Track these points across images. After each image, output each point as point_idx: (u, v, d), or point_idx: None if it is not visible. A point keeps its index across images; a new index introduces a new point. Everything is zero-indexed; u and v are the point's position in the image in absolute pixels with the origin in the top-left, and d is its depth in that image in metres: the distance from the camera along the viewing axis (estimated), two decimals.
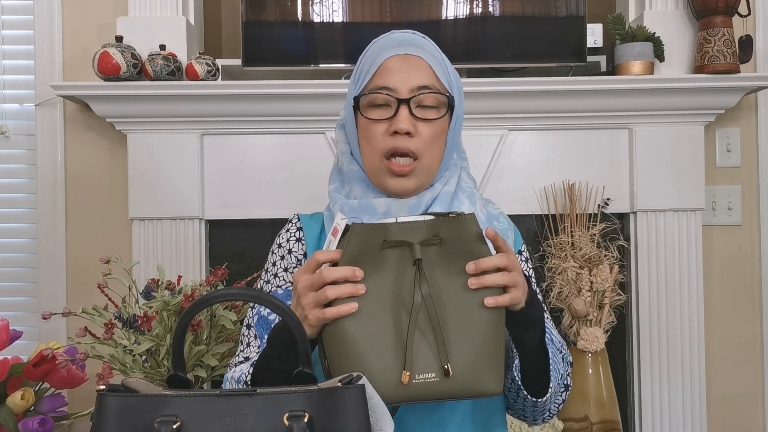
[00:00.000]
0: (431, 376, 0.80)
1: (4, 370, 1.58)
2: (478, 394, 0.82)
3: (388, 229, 0.84)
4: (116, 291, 1.58)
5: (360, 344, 0.81)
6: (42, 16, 2.00)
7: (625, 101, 1.85)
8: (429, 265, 0.84)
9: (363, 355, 0.81)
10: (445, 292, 0.83)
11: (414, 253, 0.83)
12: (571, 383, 1.02)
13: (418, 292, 0.82)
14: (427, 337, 0.81)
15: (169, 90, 1.81)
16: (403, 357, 0.80)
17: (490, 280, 0.83)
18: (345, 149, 1.05)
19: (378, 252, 0.83)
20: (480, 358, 0.81)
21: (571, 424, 1.80)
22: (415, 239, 0.84)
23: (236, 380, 0.97)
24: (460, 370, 0.81)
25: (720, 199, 2.03)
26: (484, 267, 0.83)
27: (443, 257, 0.84)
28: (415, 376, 0.80)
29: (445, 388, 0.81)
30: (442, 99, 0.98)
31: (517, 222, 1.88)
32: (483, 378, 0.81)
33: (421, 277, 0.82)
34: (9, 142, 2.05)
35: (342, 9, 1.86)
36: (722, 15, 1.81)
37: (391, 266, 0.84)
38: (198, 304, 0.79)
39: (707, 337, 1.94)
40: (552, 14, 1.87)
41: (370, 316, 0.82)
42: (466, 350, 0.81)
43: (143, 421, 0.72)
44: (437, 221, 0.85)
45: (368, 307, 0.82)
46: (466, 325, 0.82)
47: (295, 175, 1.90)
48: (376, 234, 0.84)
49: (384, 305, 0.82)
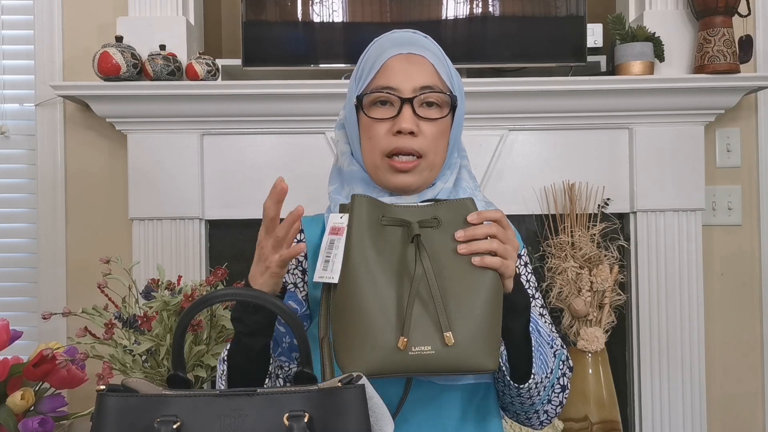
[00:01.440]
0: (427, 349, 0.81)
1: (4, 370, 1.58)
2: (474, 369, 0.83)
3: (387, 207, 0.88)
4: (116, 291, 1.58)
5: (363, 314, 0.82)
6: (42, 16, 2.00)
7: (625, 101, 1.85)
8: (428, 244, 0.85)
9: (365, 325, 0.82)
10: (445, 269, 0.85)
11: (412, 230, 0.85)
12: (568, 385, 1.01)
13: (419, 264, 0.83)
14: (427, 310, 0.82)
15: (169, 90, 1.81)
16: (402, 325, 0.81)
17: (478, 245, 0.85)
18: (345, 149, 1.04)
19: (379, 226, 0.86)
20: (477, 334, 0.82)
21: (571, 424, 1.80)
22: (414, 219, 0.87)
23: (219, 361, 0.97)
24: (458, 343, 0.82)
25: (720, 199, 2.03)
26: (474, 234, 0.85)
27: (442, 238, 0.86)
28: (411, 348, 0.81)
29: (441, 362, 0.82)
30: (444, 98, 0.98)
31: (517, 222, 1.89)
32: (480, 353, 0.82)
33: (420, 251, 0.84)
34: (9, 142, 2.05)
35: (342, 9, 1.86)
36: (722, 15, 1.81)
37: (393, 242, 0.86)
38: (198, 304, 0.79)
39: (707, 337, 1.94)
40: (552, 14, 1.87)
41: (372, 288, 0.83)
42: (464, 325, 0.82)
43: (143, 421, 0.72)
44: (436, 204, 0.88)
45: (372, 279, 0.83)
46: (465, 301, 0.83)
47: (295, 175, 1.89)
48: (377, 210, 0.87)
49: (385, 276, 0.84)
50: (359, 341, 0.81)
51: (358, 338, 0.82)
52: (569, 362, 1.03)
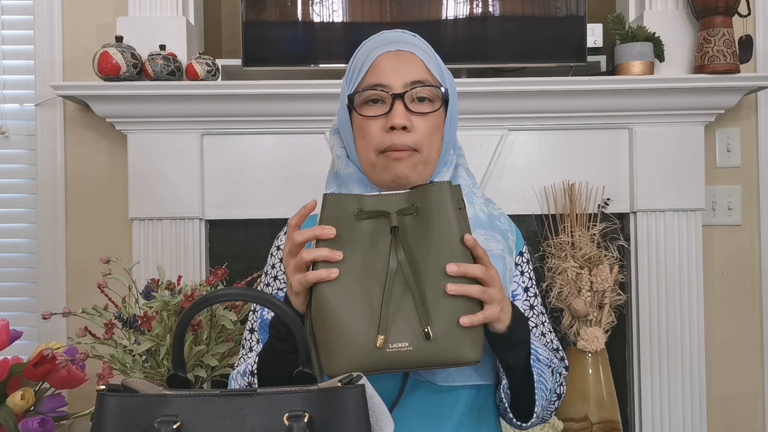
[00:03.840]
0: (404, 345, 0.80)
1: (4, 370, 1.58)
2: (455, 362, 0.81)
3: (363, 199, 0.84)
4: (116, 291, 1.58)
5: (338, 311, 0.81)
6: (42, 16, 2.00)
7: (625, 101, 1.85)
8: (405, 234, 0.84)
9: (340, 321, 0.80)
10: (422, 260, 0.83)
11: (390, 221, 0.83)
12: (564, 392, 1.03)
13: (394, 258, 0.82)
14: (403, 306, 0.81)
15: (169, 90, 1.81)
16: (378, 322, 0.80)
17: (467, 290, 0.82)
18: (341, 153, 1.05)
19: (353, 222, 0.84)
20: (457, 326, 0.81)
21: (571, 424, 1.80)
22: (392, 209, 0.84)
23: (241, 373, 0.97)
24: (436, 336, 0.80)
25: (720, 199, 2.03)
26: (465, 272, 0.82)
27: (420, 226, 0.84)
28: (389, 345, 0.80)
29: (421, 357, 0.80)
30: (436, 92, 0.98)
31: (517, 222, 1.88)
32: (460, 345, 0.81)
33: (397, 243, 0.82)
34: (9, 142, 2.05)
35: (342, 9, 1.86)
36: (722, 15, 1.81)
37: (367, 236, 0.84)
38: (198, 304, 0.79)
39: (707, 337, 1.94)
40: (552, 14, 1.87)
41: (347, 284, 0.82)
42: (442, 317, 0.81)
43: (143, 421, 0.72)
44: (414, 192, 0.85)
45: (345, 275, 0.82)
46: (443, 293, 0.81)
47: (295, 175, 1.90)
48: (351, 204, 0.84)
49: (361, 273, 0.82)
50: (334, 343, 0.81)
51: (332, 340, 0.81)
52: (565, 369, 1.04)
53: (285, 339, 0.87)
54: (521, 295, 1.06)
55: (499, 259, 1.00)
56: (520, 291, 1.06)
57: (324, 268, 0.82)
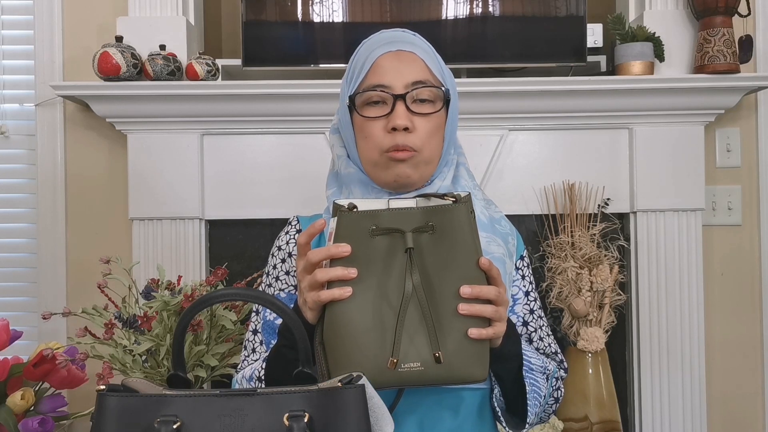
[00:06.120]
0: (416, 366, 0.81)
1: (4, 370, 1.58)
2: (463, 381, 0.83)
3: (379, 216, 0.83)
4: (116, 291, 1.58)
5: (350, 328, 0.81)
6: (42, 16, 2.00)
7: (625, 101, 1.85)
8: (421, 253, 0.83)
9: (353, 340, 0.81)
10: (437, 281, 0.83)
11: (406, 241, 0.83)
12: (561, 395, 1.04)
13: (409, 281, 0.82)
14: (415, 327, 0.82)
15: (169, 90, 1.81)
16: (392, 344, 0.81)
17: (479, 310, 0.82)
18: (341, 152, 1.04)
19: (368, 239, 0.83)
20: (466, 346, 0.82)
21: (571, 424, 1.80)
22: (407, 227, 0.83)
23: (248, 378, 0.97)
24: (447, 357, 0.81)
25: (720, 199, 2.03)
26: (479, 294, 0.83)
27: (435, 245, 0.84)
28: (401, 365, 0.81)
29: (431, 376, 0.82)
30: (437, 93, 0.98)
31: (517, 222, 1.89)
32: (469, 365, 0.82)
33: (412, 265, 0.82)
34: (9, 142, 2.05)
35: (342, 9, 1.86)
36: (722, 15, 1.81)
37: (382, 254, 0.83)
38: (198, 304, 0.79)
39: (707, 337, 1.94)
40: (552, 14, 1.87)
41: (360, 303, 0.82)
42: (453, 338, 0.82)
43: (143, 421, 0.72)
44: (430, 208, 0.84)
45: (359, 293, 0.82)
46: (454, 313, 0.82)
47: (295, 175, 1.90)
48: (366, 221, 0.83)
49: (375, 292, 0.82)
50: (346, 361, 0.81)
51: (344, 358, 0.81)
52: (564, 372, 1.04)
53: (294, 347, 0.87)
54: (522, 299, 1.06)
55: (499, 262, 1.00)
56: (521, 295, 1.06)
57: (338, 286, 0.82)
